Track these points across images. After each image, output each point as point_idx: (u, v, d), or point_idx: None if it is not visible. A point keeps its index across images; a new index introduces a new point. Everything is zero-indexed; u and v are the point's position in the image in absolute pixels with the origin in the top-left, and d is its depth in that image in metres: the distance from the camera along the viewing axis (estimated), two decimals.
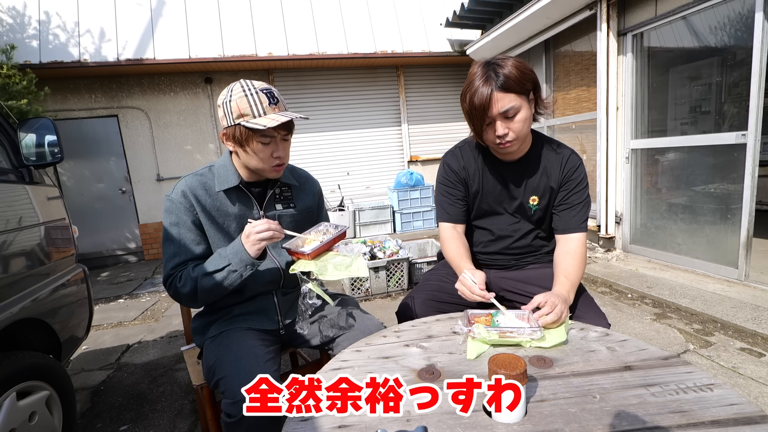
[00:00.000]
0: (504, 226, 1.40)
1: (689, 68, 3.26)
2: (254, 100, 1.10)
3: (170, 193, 1.20)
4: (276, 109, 1.13)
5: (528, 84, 1.20)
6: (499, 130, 1.19)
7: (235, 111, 1.10)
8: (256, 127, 1.08)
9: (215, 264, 1.12)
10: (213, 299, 1.18)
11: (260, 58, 5.09)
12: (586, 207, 1.31)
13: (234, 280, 1.12)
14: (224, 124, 1.14)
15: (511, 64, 1.16)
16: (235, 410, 0.97)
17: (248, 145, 1.14)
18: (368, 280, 3.30)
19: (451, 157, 1.42)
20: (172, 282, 1.16)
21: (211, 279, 1.12)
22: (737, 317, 2.40)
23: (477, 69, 1.20)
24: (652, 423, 0.69)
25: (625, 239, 3.85)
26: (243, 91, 1.10)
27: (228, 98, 1.11)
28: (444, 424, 0.72)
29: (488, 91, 1.15)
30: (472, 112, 1.20)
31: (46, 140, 1.65)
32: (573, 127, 4.42)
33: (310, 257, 1.11)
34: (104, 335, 3.02)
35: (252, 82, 1.13)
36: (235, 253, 1.11)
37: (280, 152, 1.17)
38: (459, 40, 5.63)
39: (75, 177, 5.30)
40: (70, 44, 4.68)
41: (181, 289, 1.14)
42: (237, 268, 1.10)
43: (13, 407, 1.26)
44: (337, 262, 1.12)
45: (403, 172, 5.76)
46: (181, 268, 1.16)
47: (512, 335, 0.97)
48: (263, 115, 1.11)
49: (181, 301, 1.20)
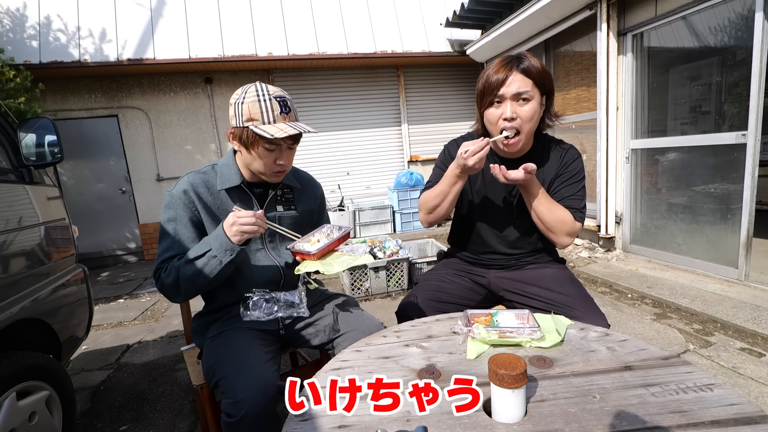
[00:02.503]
0: (503, 221, 1.40)
1: (689, 68, 3.26)
2: (266, 107, 1.10)
3: (172, 189, 1.20)
4: (287, 118, 1.13)
5: (547, 83, 1.24)
6: (507, 111, 1.20)
7: (246, 114, 1.10)
8: (264, 134, 1.08)
9: (197, 250, 1.12)
10: (195, 290, 1.15)
11: (260, 58, 5.09)
12: (579, 198, 1.32)
13: (214, 267, 1.10)
14: (233, 123, 1.14)
15: (536, 60, 1.22)
16: (236, 410, 0.97)
17: (254, 148, 1.14)
18: (368, 279, 3.30)
19: (454, 145, 1.43)
20: (159, 275, 1.16)
21: (192, 266, 1.10)
22: (737, 317, 2.40)
23: (501, 58, 1.25)
24: (652, 423, 0.69)
25: (625, 239, 3.85)
26: (257, 95, 1.10)
27: (241, 99, 1.11)
28: (444, 424, 0.72)
29: (509, 70, 1.20)
30: (486, 89, 1.23)
31: (46, 140, 1.65)
32: (573, 127, 4.41)
33: (316, 257, 1.12)
34: (104, 335, 3.02)
35: (267, 87, 1.12)
36: (215, 237, 1.10)
37: (283, 160, 1.18)
38: (459, 40, 5.63)
39: (75, 177, 5.30)
40: (70, 44, 4.68)
41: (165, 280, 1.13)
42: (217, 254, 1.09)
43: (13, 407, 1.26)
44: (342, 261, 1.13)
45: (403, 172, 5.76)
46: (170, 262, 1.16)
47: (512, 335, 0.97)
48: (273, 123, 1.11)
49: (165, 292, 1.17)
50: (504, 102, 1.22)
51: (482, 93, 1.25)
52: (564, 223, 1.27)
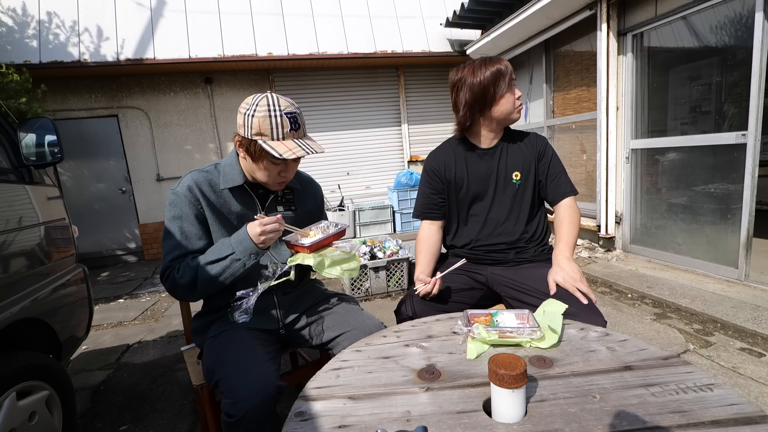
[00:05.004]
0: (492, 208, 1.47)
1: (689, 68, 3.26)
2: (276, 123, 1.09)
3: (175, 187, 1.20)
4: (296, 135, 1.13)
5: None
6: (516, 92, 1.38)
7: (255, 128, 1.09)
8: (273, 152, 1.08)
9: (218, 252, 1.12)
10: (211, 291, 1.17)
11: (260, 58, 5.09)
12: (566, 173, 1.48)
13: (237, 270, 1.12)
14: (241, 132, 1.13)
15: None
16: (235, 410, 0.97)
17: (260, 161, 1.14)
18: (368, 279, 3.30)
19: (433, 159, 1.54)
20: (169, 274, 1.15)
21: (212, 268, 1.11)
22: (737, 317, 2.40)
23: (473, 60, 1.41)
24: (652, 423, 0.69)
25: (625, 239, 3.85)
26: (268, 110, 1.09)
27: (252, 112, 1.09)
28: (444, 424, 0.72)
29: (498, 62, 1.36)
30: (498, 78, 1.35)
31: (46, 140, 1.65)
32: (573, 127, 4.41)
33: (310, 250, 1.13)
34: (104, 335, 3.02)
35: (279, 102, 1.11)
36: (239, 241, 1.11)
37: (287, 173, 1.19)
38: (459, 40, 5.63)
39: (75, 177, 5.30)
40: (70, 44, 4.68)
41: (179, 280, 1.13)
42: (241, 257, 1.10)
43: (13, 407, 1.26)
44: (335, 257, 1.14)
45: (403, 172, 5.76)
46: (180, 261, 1.16)
47: (512, 335, 0.97)
48: (282, 140, 1.10)
49: (177, 293, 1.17)
50: (512, 87, 1.37)
51: (493, 84, 1.35)
52: (577, 220, 1.42)
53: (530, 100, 5.01)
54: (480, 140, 1.47)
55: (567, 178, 1.47)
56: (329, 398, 0.82)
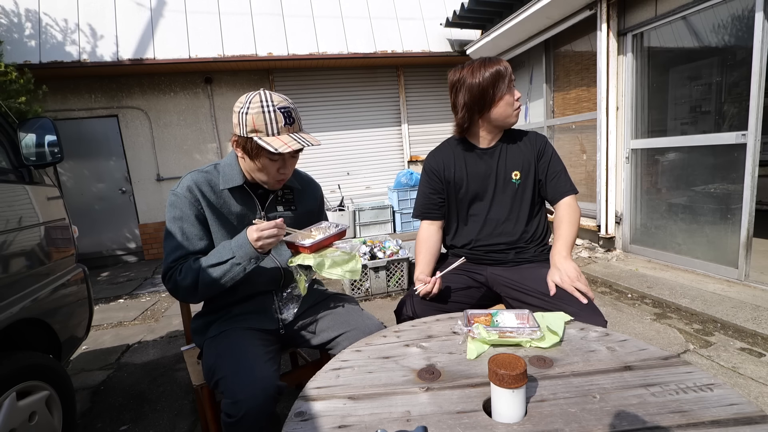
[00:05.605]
0: (492, 208, 1.47)
1: (689, 68, 3.26)
2: (271, 118, 1.09)
3: (175, 187, 1.20)
4: (291, 129, 1.13)
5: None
6: (516, 93, 1.38)
7: (250, 125, 1.09)
8: (268, 147, 1.08)
9: (219, 256, 1.12)
10: (212, 294, 1.17)
11: (260, 58, 5.09)
12: (566, 172, 1.48)
13: (237, 274, 1.12)
14: (236, 131, 1.13)
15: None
16: (235, 410, 0.97)
17: (257, 158, 1.14)
18: (368, 279, 3.30)
19: (432, 159, 1.54)
20: (171, 275, 1.15)
21: (213, 271, 1.11)
22: (737, 317, 2.40)
23: (472, 61, 1.40)
24: (652, 423, 0.69)
25: (625, 239, 3.85)
26: (261, 106, 1.09)
27: (245, 109, 1.10)
28: (444, 424, 0.72)
29: (497, 63, 1.35)
30: (498, 80, 1.34)
31: (46, 140, 1.65)
32: (573, 127, 4.41)
33: (310, 251, 1.13)
34: (104, 335, 3.02)
35: (272, 97, 1.11)
36: (239, 246, 1.11)
37: (286, 169, 1.19)
38: (459, 40, 5.63)
39: (75, 177, 5.30)
40: (69, 44, 4.68)
41: (181, 282, 1.13)
42: (241, 261, 1.10)
43: (13, 407, 1.26)
44: (336, 258, 1.13)
45: (403, 172, 5.76)
46: (182, 262, 1.16)
47: (512, 335, 0.97)
48: (277, 135, 1.10)
49: (179, 294, 1.17)
50: (512, 87, 1.37)
51: (493, 84, 1.34)
52: (576, 218, 1.42)
53: (530, 100, 5.01)
54: (479, 140, 1.47)
55: (567, 177, 1.46)
56: (329, 398, 0.82)
